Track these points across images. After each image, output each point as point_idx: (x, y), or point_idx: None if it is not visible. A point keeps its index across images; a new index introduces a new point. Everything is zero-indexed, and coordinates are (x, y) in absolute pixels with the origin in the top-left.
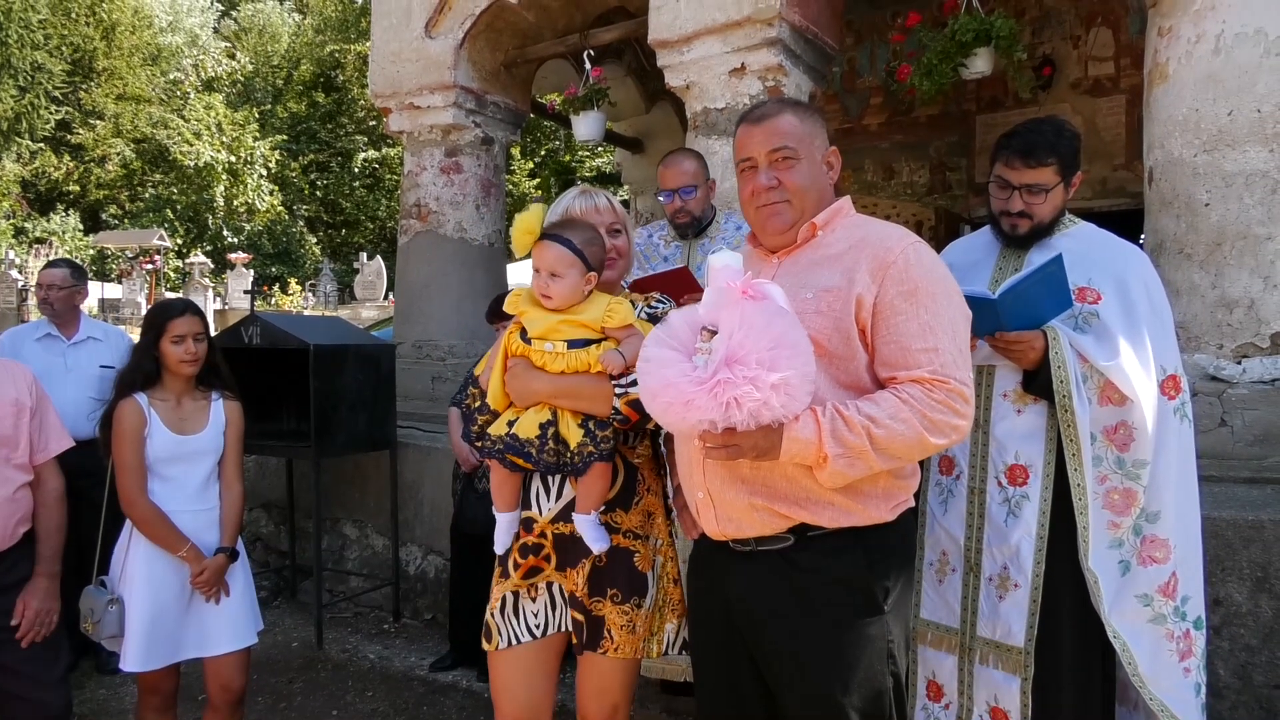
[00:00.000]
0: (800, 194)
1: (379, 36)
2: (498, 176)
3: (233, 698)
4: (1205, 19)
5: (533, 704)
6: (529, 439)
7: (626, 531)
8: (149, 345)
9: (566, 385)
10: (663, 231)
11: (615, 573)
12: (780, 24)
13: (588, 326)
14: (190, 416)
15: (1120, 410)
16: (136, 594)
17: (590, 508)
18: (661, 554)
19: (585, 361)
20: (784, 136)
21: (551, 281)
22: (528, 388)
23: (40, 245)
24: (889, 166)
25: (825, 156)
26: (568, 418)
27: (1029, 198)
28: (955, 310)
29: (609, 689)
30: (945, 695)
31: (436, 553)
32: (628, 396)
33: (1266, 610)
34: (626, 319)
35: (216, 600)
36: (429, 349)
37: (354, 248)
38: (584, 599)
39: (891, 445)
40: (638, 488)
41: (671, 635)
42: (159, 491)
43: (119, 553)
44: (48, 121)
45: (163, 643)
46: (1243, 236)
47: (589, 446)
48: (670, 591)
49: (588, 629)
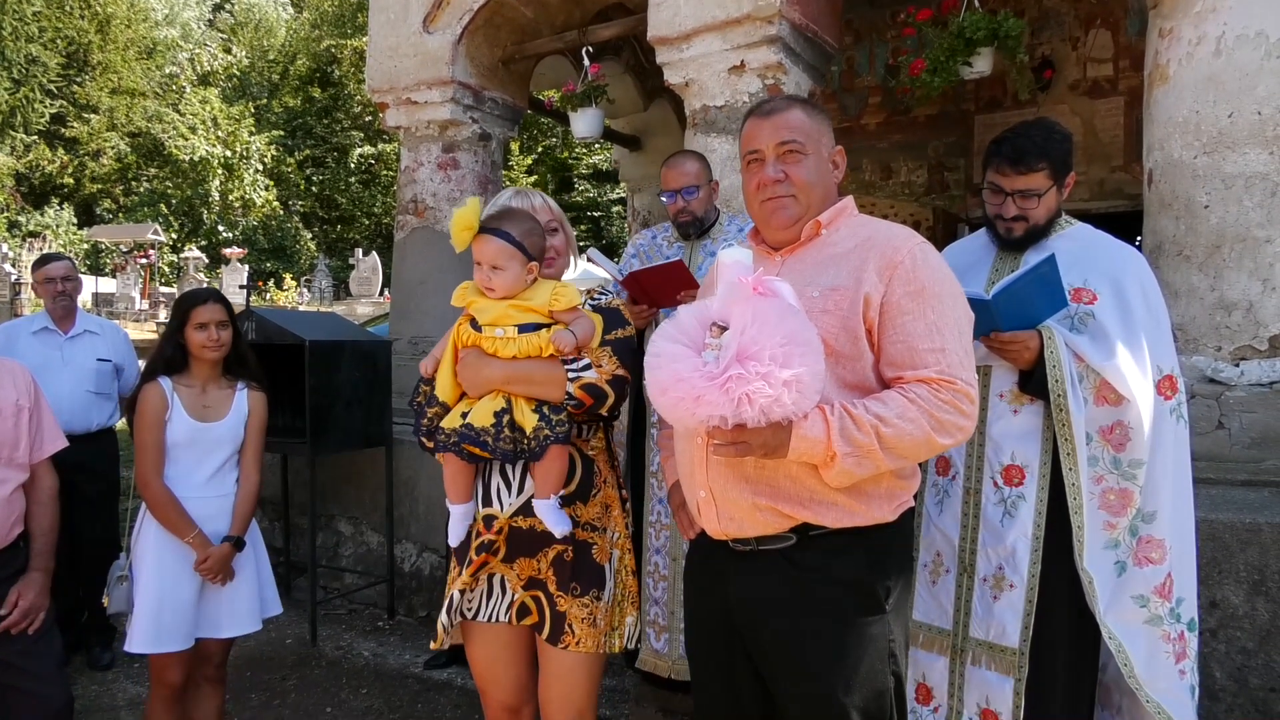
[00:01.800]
0: (806, 189)
1: (376, 31)
2: (495, 173)
3: (212, 673)
4: (1206, 21)
5: (517, 687)
6: (484, 427)
7: (585, 524)
8: (174, 332)
9: (520, 370)
10: (666, 232)
11: (577, 566)
12: (780, 22)
13: (536, 311)
14: (214, 404)
15: (1116, 410)
16: (145, 574)
17: (550, 492)
18: (619, 547)
19: (537, 345)
20: (793, 130)
21: (494, 274)
22: (480, 375)
23: (34, 239)
24: (887, 166)
25: (831, 155)
26: (522, 404)
27: (1022, 203)
28: (961, 311)
29: (572, 690)
30: (934, 698)
31: (432, 550)
32: (581, 380)
33: (1263, 613)
34: (573, 301)
35: (222, 583)
36: (425, 345)
37: (349, 244)
38: (552, 587)
39: (899, 445)
40: (595, 480)
41: (632, 628)
42: (174, 475)
43: (135, 531)
44: (42, 115)
45: (170, 626)
46: (1242, 239)
47: (544, 430)
48: (629, 584)
49: (550, 622)
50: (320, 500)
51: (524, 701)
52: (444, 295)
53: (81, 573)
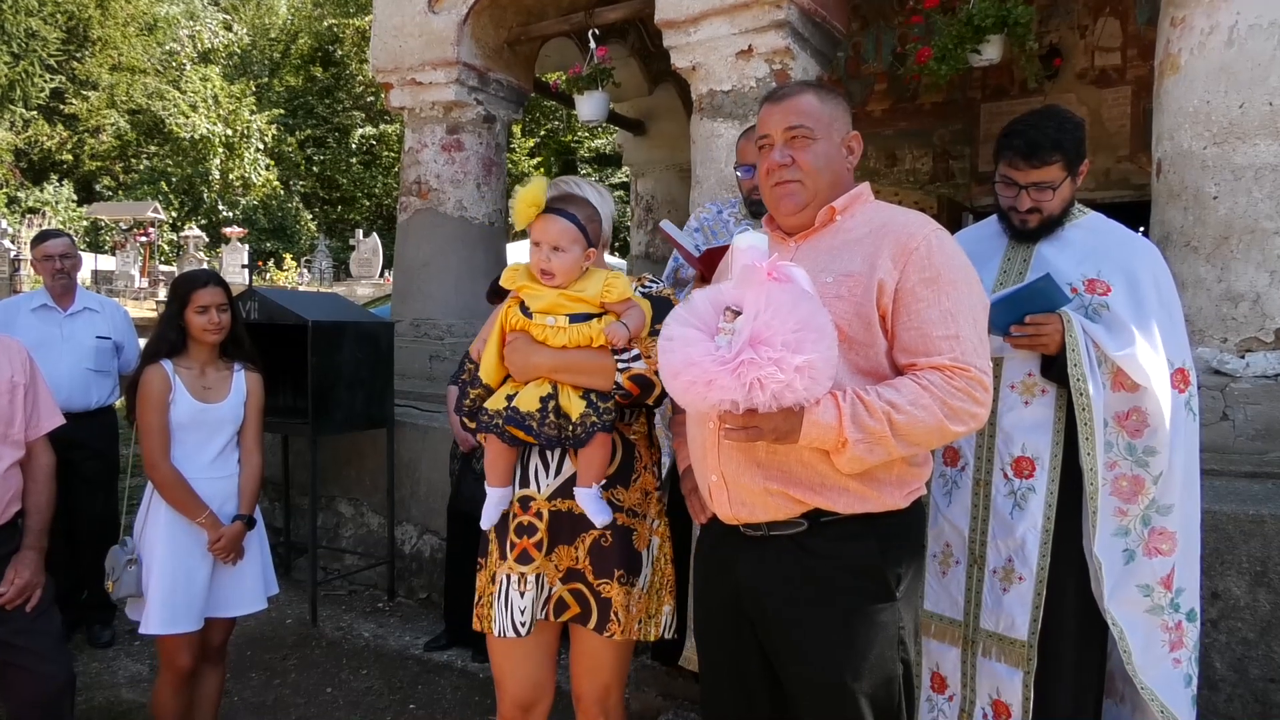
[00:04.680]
0: (814, 174)
1: (381, 10)
2: (499, 155)
3: (213, 654)
4: (1219, 10)
5: (536, 682)
6: (530, 412)
7: (628, 509)
8: (174, 315)
9: (569, 360)
10: (733, 208)
11: (618, 552)
12: (789, 6)
13: (588, 301)
14: (214, 385)
15: (1132, 396)
16: (158, 557)
17: (592, 480)
18: (658, 534)
19: (588, 336)
20: (801, 115)
21: (554, 256)
22: (529, 362)
23: (33, 215)
24: (892, 153)
25: (845, 140)
26: (569, 390)
27: (1037, 195)
28: (976, 299)
29: (602, 668)
30: (949, 687)
31: (432, 532)
32: (630, 371)
33: (1264, 604)
34: (625, 293)
35: (234, 563)
36: (427, 327)
37: (350, 224)
38: (591, 578)
39: (912, 432)
40: (635, 465)
41: (669, 618)
42: (179, 457)
43: (141, 514)
44: (42, 90)
45: (183, 607)
46: (1250, 230)
47: (591, 417)
48: (667, 572)
49: (597, 611)
50: (321, 481)
51: (540, 698)
52: (447, 278)
53: (81, 550)
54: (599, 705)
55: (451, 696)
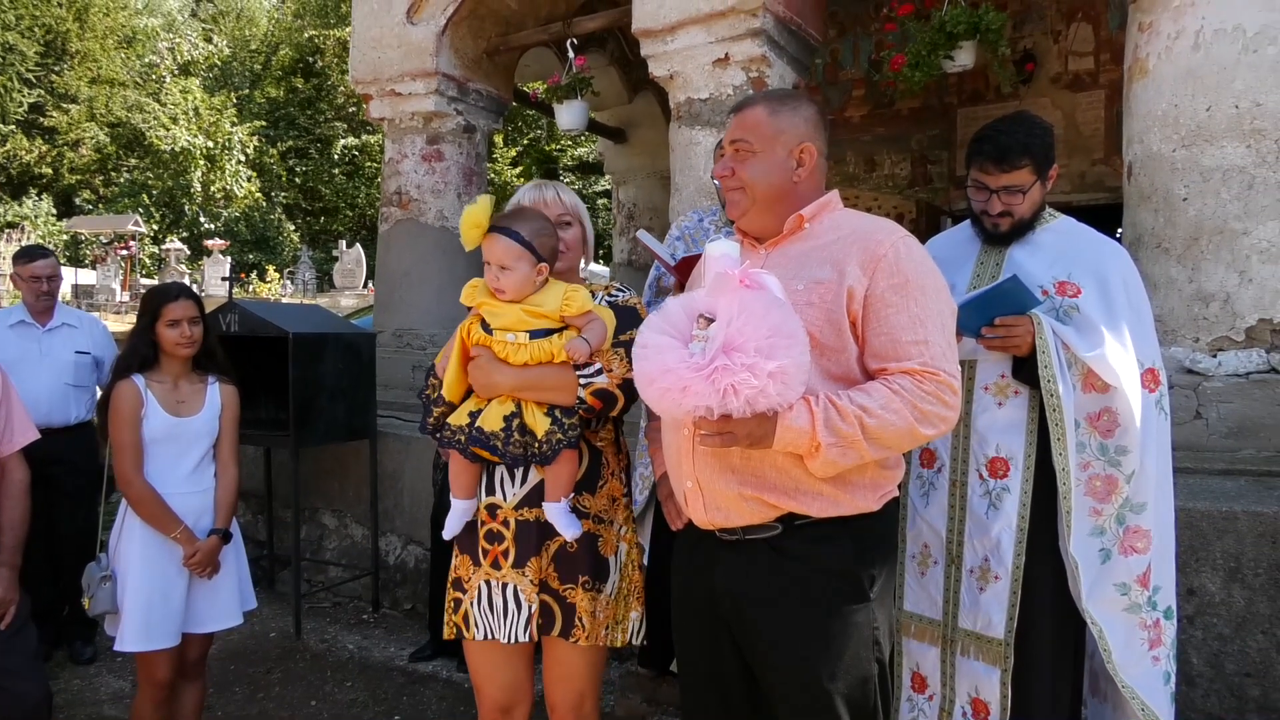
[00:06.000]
0: (751, 185)
1: (360, 22)
2: (480, 165)
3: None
4: (1185, 15)
5: (514, 686)
6: (494, 431)
7: (594, 516)
8: (145, 329)
9: (531, 377)
10: (714, 216)
11: (584, 558)
12: (764, 14)
13: (548, 316)
14: (187, 399)
15: (1104, 397)
16: (133, 573)
17: (560, 495)
18: (625, 540)
19: (548, 351)
20: (744, 130)
21: (502, 274)
22: (490, 380)
23: (12, 230)
24: (870, 159)
25: (795, 151)
26: (533, 408)
27: (1007, 199)
28: (944, 304)
29: (573, 675)
30: (929, 687)
31: (416, 543)
32: (593, 386)
33: (1239, 600)
34: (585, 306)
35: (209, 577)
36: (409, 338)
37: (333, 235)
38: (555, 585)
39: (883, 435)
40: (602, 471)
41: (636, 624)
42: (153, 472)
43: (116, 530)
44: (20, 104)
45: (159, 623)
46: (1219, 231)
47: (557, 434)
48: (634, 578)
49: (561, 616)
50: (304, 493)
51: (518, 701)
52: (428, 288)
53: (62, 566)
54: (574, 713)
55: (437, 707)
